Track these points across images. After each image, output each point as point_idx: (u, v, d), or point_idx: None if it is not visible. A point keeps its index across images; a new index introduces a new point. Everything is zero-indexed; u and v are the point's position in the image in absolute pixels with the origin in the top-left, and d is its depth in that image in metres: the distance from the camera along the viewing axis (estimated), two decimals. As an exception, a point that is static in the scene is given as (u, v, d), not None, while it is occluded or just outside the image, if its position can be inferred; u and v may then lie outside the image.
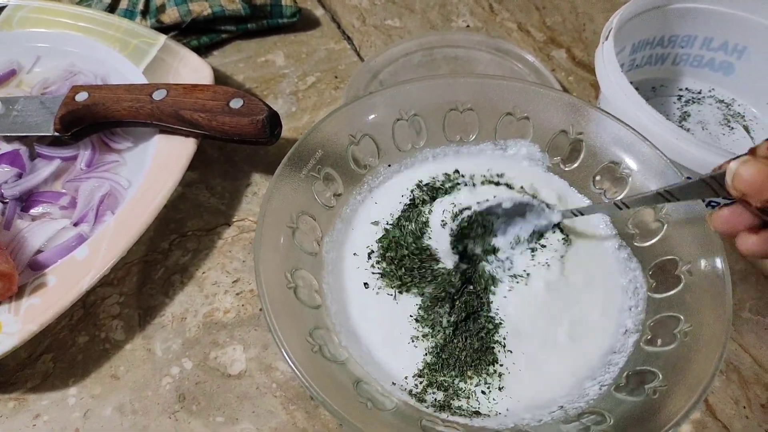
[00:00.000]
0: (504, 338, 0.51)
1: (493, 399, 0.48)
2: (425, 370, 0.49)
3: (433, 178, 0.59)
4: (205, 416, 0.52)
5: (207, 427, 0.51)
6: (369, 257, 0.55)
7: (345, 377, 0.45)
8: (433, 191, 0.58)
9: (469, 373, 0.49)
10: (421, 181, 0.59)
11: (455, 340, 0.50)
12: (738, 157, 0.36)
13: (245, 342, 0.55)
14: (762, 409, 0.54)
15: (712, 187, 0.39)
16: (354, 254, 0.55)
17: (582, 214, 0.54)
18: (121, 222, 0.55)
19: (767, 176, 0.34)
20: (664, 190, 0.44)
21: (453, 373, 0.49)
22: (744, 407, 0.54)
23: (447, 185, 0.59)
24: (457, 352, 0.50)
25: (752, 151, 0.36)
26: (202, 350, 0.55)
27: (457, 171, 0.60)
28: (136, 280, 0.59)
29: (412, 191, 0.59)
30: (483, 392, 0.48)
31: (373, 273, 0.54)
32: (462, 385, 0.49)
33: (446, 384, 0.48)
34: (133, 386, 0.53)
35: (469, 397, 0.48)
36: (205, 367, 0.54)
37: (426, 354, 0.50)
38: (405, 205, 0.58)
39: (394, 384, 0.48)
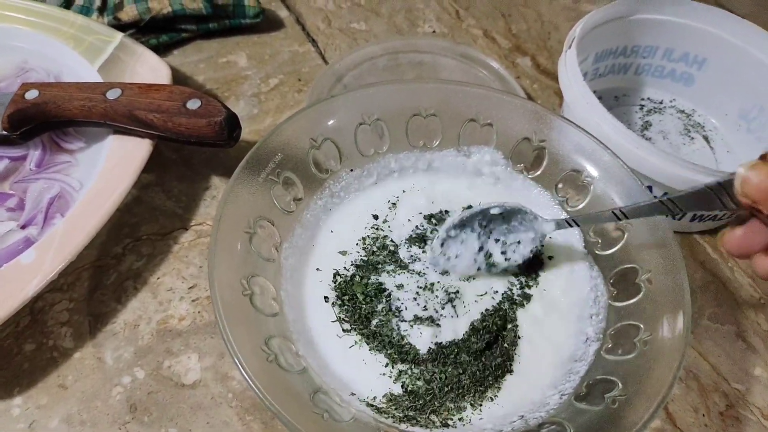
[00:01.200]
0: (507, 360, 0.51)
1: (463, 410, 0.48)
2: (393, 398, 0.48)
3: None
4: (158, 427, 0.50)
5: (159, 439, 0.49)
6: (334, 278, 0.54)
7: (302, 387, 0.44)
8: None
9: (452, 396, 0.48)
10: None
11: (443, 368, 0.49)
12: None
13: (200, 350, 0.54)
14: (721, 416, 0.54)
15: (718, 196, 0.36)
16: (317, 269, 0.54)
17: (577, 224, 0.52)
18: (70, 225, 0.53)
19: None
20: (667, 199, 0.42)
21: (432, 396, 0.48)
22: (703, 415, 0.54)
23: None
24: (445, 379, 0.49)
25: (763, 157, 0.34)
26: (155, 359, 0.53)
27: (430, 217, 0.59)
28: (87, 285, 0.57)
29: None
30: (454, 405, 0.48)
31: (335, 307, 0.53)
32: (435, 402, 0.48)
33: (419, 405, 0.47)
34: (81, 396, 0.51)
35: (437, 412, 0.47)
36: (158, 376, 0.52)
37: (399, 379, 0.49)
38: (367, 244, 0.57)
39: (353, 394, 0.47)
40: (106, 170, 0.57)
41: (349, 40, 0.82)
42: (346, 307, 0.52)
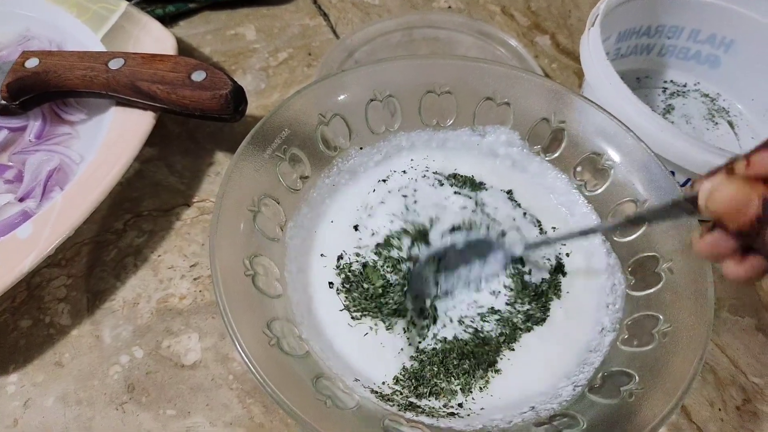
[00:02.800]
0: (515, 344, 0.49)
1: (472, 399, 0.46)
2: (403, 376, 0.46)
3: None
4: (155, 408, 0.48)
5: (156, 420, 0.48)
6: (338, 261, 0.52)
7: (304, 372, 0.42)
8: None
9: (456, 376, 0.47)
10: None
11: (444, 345, 0.48)
12: (712, 173, 0.33)
13: (201, 330, 0.52)
14: (737, 411, 0.52)
15: (685, 209, 0.37)
16: (321, 255, 0.52)
17: (549, 243, 0.51)
18: (69, 199, 0.51)
19: (745, 197, 0.30)
20: (635, 216, 0.43)
21: (436, 378, 0.46)
22: (719, 409, 0.52)
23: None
24: (445, 357, 0.47)
25: (729, 169, 0.32)
26: (155, 338, 0.52)
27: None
28: (85, 261, 0.55)
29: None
30: (462, 390, 0.46)
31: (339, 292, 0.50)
32: (443, 385, 0.46)
33: (424, 389, 0.46)
34: (78, 375, 0.50)
35: (447, 397, 0.46)
36: (156, 356, 0.51)
37: (407, 354, 0.47)
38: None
39: (356, 380, 0.45)
40: (107, 143, 0.55)
41: (361, 14, 0.79)
42: (355, 294, 0.49)
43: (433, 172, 0.57)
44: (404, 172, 0.58)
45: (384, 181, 0.57)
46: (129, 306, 0.53)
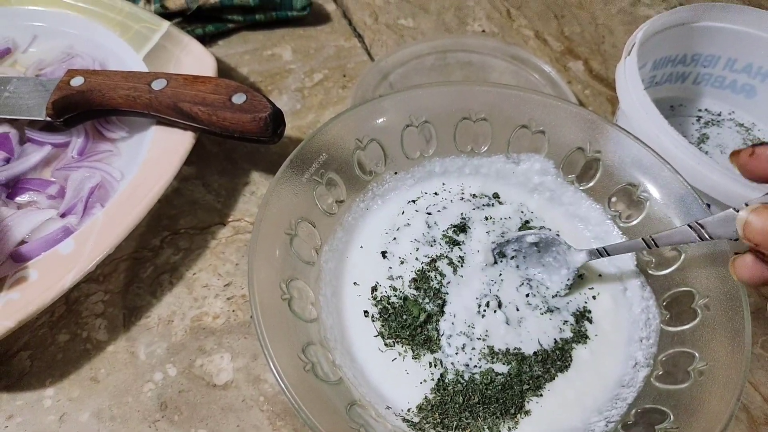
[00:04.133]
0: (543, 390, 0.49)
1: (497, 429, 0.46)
2: (426, 407, 0.46)
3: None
4: (187, 427, 0.49)
5: (188, 439, 0.48)
6: (372, 292, 0.52)
7: (337, 399, 0.42)
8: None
9: (480, 416, 0.46)
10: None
11: (462, 386, 0.48)
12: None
13: (233, 350, 0.53)
14: (770, 451, 0.51)
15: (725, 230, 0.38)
16: (354, 284, 0.52)
17: (608, 254, 0.49)
18: (110, 216, 0.52)
19: None
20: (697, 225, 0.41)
21: (461, 414, 0.46)
22: (752, 449, 0.51)
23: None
24: (464, 396, 0.47)
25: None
26: (188, 356, 0.52)
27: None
28: (123, 277, 0.56)
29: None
30: (490, 429, 0.46)
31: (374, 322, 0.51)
32: (468, 421, 0.46)
33: (449, 422, 0.46)
34: (113, 391, 0.50)
35: (464, 428, 0.45)
36: (190, 374, 0.51)
37: (428, 386, 0.48)
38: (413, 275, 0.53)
39: (389, 408, 0.45)
40: (147, 161, 0.56)
41: (396, 37, 0.80)
42: (393, 324, 0.50)
43: (471, 195, 0.58)
44: (435, 194, 0.58)
45: (414, 201, 0.57)
46: (164, 323, 0.54)
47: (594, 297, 0.53)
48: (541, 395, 0.47)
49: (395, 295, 0.51)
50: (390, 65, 0.73)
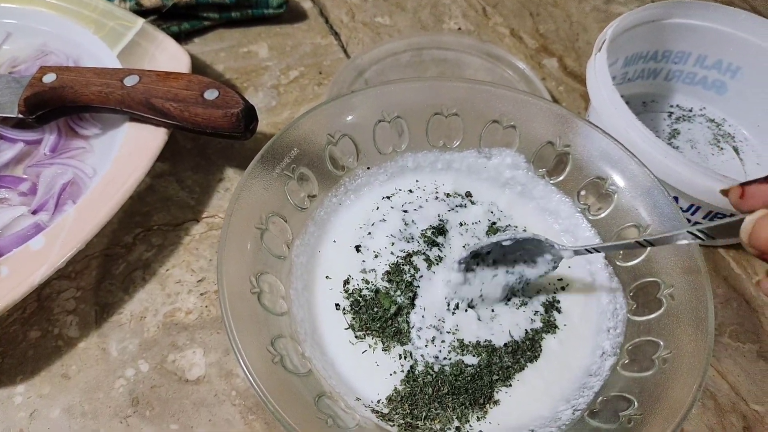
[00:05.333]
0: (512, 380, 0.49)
1: (469, 425, 0.46)
2: (396, 398, 0.47)
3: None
4: (159, 423, 0.49)
5: (160, 434, 0.48)
6: (344, 285, 0.52)
7: (306, 391, 0.43)
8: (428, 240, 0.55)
9: (450, 406, 0.47)
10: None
11: (432, 377, 0.48)
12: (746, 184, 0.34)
13: (206, 346, 0.53)
14: (738, 439, 0.52)
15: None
16: (327, 277, 0.53)
17: (597, 251, 0.49)
18: (81, 212, 0.52)
19: None
20: (697, 230, 0.40)
21: (430, 404, 0.46)
22: (719, 437, 0.52)
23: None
24: (433, 387, 0.47)
25: None
26: (160, 352, 0.52)
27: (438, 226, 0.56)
28: (95, 274, 0.56)
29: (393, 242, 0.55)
30: (458, 419, 0.46)
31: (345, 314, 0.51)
32: (437, 411, 0.46)
33: (419, 412, 0.46)
34: (84, 387, 0.50)
35: (443, 422, 0.46)
36: (162, 370, 0.51)
37: (398, 378, 0.48)
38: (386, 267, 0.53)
39: (358, 399, 0.45)
40: (119, 158, 0.56)
41: (372, 35, 0.80)
42: (364, 316, 0.50)
43: (446, 194, 0.58)
44: (410, 191, 0.58)
45: (388, 198, 0.57)
46: (136, 319, 0.54)
47: (563, 288, 0.54)
48: (510, 385, 0.48)
49: (367, 288, 0.51)
50: (366, 62, 0.73)
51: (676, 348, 0.45)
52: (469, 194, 0.59)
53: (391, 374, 0.48)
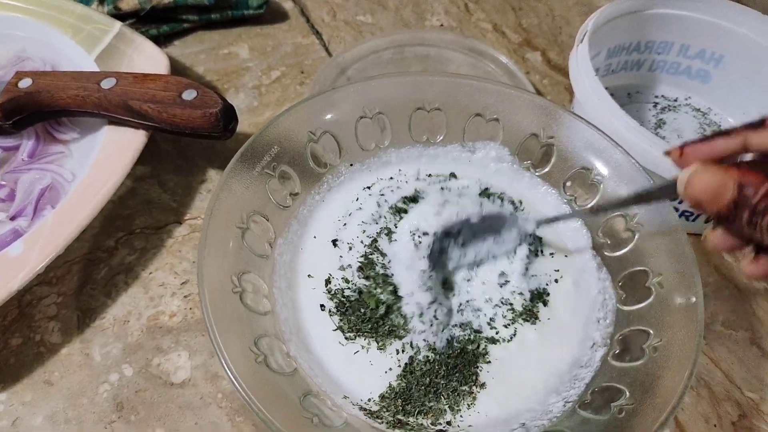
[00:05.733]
0: (489, 356, 0.49)
1: (460, 417, 0.45)
2: (389, 395, 0.46)
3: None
4: (144, 427, 0.48)
5: (145, 440, 0.48)
6: (326, 285, 0.51)
7: (291, 390, 0.42)
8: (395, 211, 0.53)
9: (443, 394, 0.46)
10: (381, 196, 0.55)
11: (431, 364, 0.47)
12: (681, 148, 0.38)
13: (191, 348, 0.52)
14: (733, 426, 0.52)
15: (665, 196, 0.41)
16: (309, 276, 0.51)
17: (557, 220, 0.51)
18: (60, 217, 0.51)
19: (720, 183, 0.33)
20: (636, 194, 0.44)
21: (425, 397, 0.46)
22: (715, 425, 0.52)
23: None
24: (431, 375, 0.47)
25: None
26: (145, 356, 0.51)
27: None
28: (76, 279, 0.55)
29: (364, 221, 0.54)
30: (450, 408, 0.45)
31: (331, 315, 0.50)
32: (431, 404, 0.46)
33: (412, 408, 0.45)
34: (67, 393, 0.49)
35: (435, 416, 0.45)
36: (146, 374, 0.51)
37: (394, 374, 0.47)
38: (360, 256, 0.51)
39: (345, 398, 0.45)
40: (98, 161, 0.55)
41: (354, 33, 0.80)
42: (352, 318, 0.49)
43: (427, 174, 0.58)
44: (391, 178, 0.57)
45: (368, 187, 0.57)
46: (119, 324, 0.53)
47: (556, 281, 0.53)
48: (489, 362, 0.48)
49: (348, 288, 0.50)
50: (348, 60, 0.72)
51: (666, 336, 0.45)
52: (453, 175, 0.58)
53: (386, 371, 0.47)
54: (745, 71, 0.69)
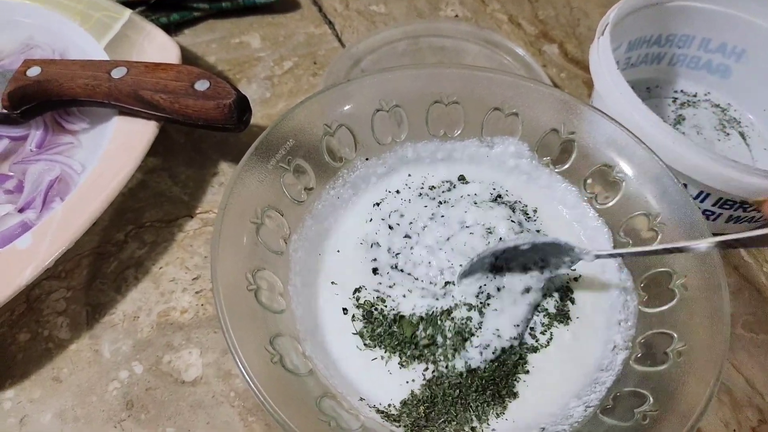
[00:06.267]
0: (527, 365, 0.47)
1: (486, 425, 0.44)
2: (411, 402, 0.44)
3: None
4: (155, 426, 0.47)
5: (156, 439, 0.47)
6: (355, 293, 0.50)
7: (307, 391, 0.41)
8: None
9: (472, 406, 0.45)
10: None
11: (462, 378, 0.46)
12: None
13: (203, 345, 0.51)
14: (752, 432, 0.51)
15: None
16: (332, 283, 0.50)
17: (621, 256, 0.47)
18: (69, 210, 0.50)
19: None
20: (731, 240, 0.39)
21: (451, 407, 0.44)
22: (734, 430, 0.51)
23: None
24: (461, 388, 0.45)
25: None
26: (155, 353, 0.50)
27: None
28: (86, 273, 0.54)
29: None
30: (478, 418, 0.44)
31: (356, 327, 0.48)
32: (457, 414, 0.44)
33: (436, 415, 0.44)
34: (76, 390, 0.48)
35: (460, 424, 0.44)
36: (157, 371, 0.50)
37: (417, 384, 0.46)
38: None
39: (362, 399, 0.44)
40: (108, 153, 0.54)
41: (367, 23, 0.78)
42: (379, 330, 0.48)
43: (430, 187, 0.56)
44: (398, 192, 0.56)
45: (377, 204, 0.55)
46: (129, 319, 0.52)
47: (576, 279, 0.52)
48: (528, 372, 0.47)
49: (384, 305, 0.49)
50: (361, 51, 0.71)
51: (690, 340, 0.43)
52: (462, 178, 0.57)
53: (407, 381, 0.46)
54: (767, 67, 0.68)
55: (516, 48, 0.73)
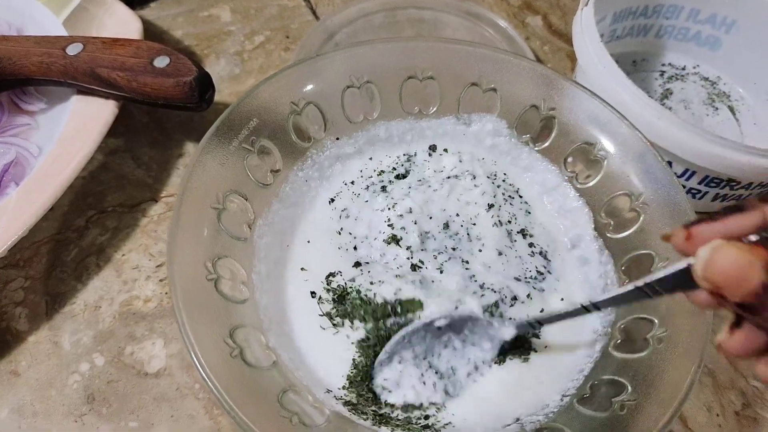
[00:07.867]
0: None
1: (450, 412, 0.43)
2: (354, 374, 0.43)
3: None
4: (117, 420, 0.45)
5: (118, 433, 0.45)
6: (328, 278, 0.48)
7: (269, 386, 0.39)
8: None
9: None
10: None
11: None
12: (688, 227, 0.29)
13: (166, 336, 0.49)
14: (736, 416, 0.49)
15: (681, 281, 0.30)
16: (302, 269, 0.48)
17: (541, 325, 0.44)
18: (24, 195, 0.48)
19: (748, 263, 0.26)
20: (645, 285, 0.33)
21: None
22: (717, 414, 0.49)
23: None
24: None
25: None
26: (117, 344, 0.48)
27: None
28: (45, 262, 0.52)
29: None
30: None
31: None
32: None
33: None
34: (35, 384, 0.47)
35: (421, 408, 0.42)
36: (119, 363, 0.48)
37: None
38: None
39: (328, 392, 0.42)
40: (66, 134, 0.51)
41: (343, -5, 0.75)
42: (344, 309, 0.46)
43: (380, 171, 0.54)
44: (352, 182, 0.54)
45: (332, 200, 0.53)
46: (90, 309, 0.50)
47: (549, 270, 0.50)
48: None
49: (358, 294, 0.46)
50: (336, 24, 0.68)
51: (672, 326, 0.42)
52: (433, 147, 0.55)
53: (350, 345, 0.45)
54: (758, 38, 0.65)
55: (498, 20, 0.70)
